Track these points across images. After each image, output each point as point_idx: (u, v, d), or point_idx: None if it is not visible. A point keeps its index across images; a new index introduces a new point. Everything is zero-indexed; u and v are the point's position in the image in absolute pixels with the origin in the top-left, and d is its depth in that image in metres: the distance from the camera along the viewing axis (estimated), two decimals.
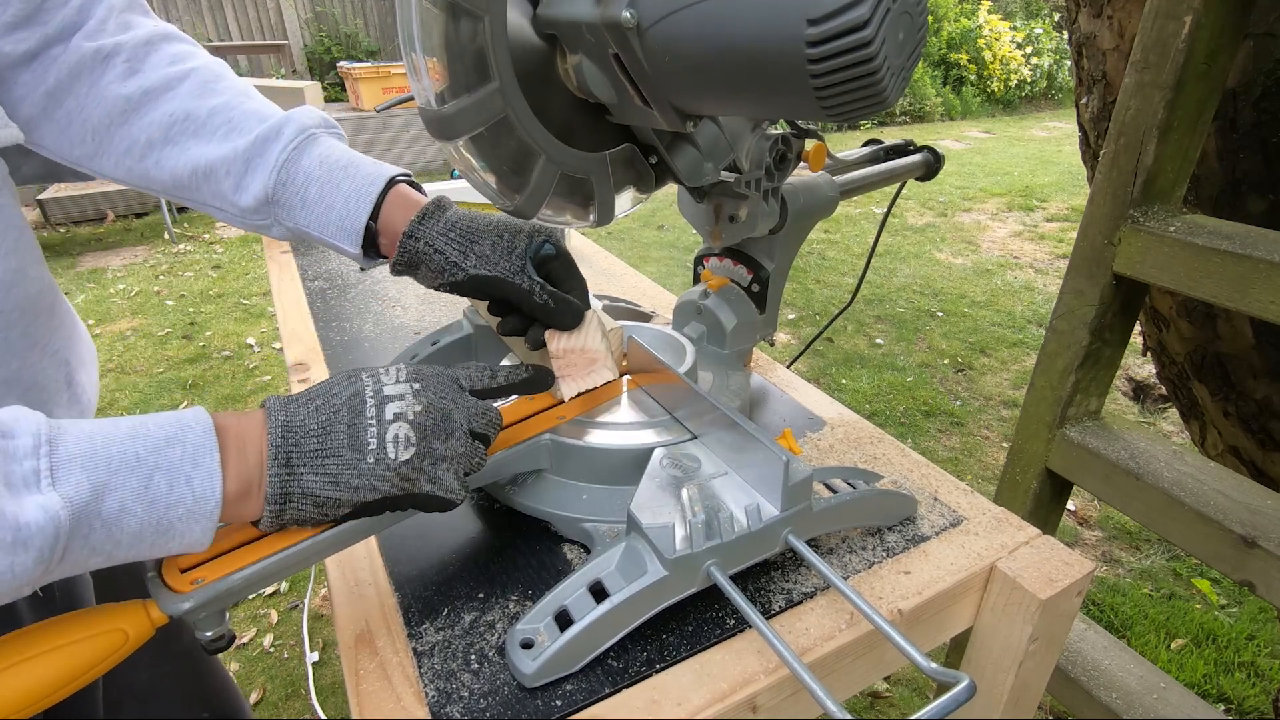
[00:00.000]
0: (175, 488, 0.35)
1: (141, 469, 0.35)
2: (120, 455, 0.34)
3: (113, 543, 0.34)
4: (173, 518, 0.35)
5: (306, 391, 0.42)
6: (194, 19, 5.71)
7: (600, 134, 0.55)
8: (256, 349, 2.87)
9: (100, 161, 0.55)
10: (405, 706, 0.43)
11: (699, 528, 0.44)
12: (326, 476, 0.40)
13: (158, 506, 0.35)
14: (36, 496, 0.32)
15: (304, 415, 0.40)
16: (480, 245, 0.53)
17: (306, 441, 0.40)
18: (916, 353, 2.89)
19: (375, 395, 0.42)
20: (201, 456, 0.36)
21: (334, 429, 0.40)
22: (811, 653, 0.46)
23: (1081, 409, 0.96)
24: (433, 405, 0.43)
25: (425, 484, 0.43)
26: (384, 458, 0.41)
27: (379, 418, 0.41)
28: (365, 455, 0.40)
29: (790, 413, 0.72)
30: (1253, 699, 1.47)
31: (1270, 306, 0.71)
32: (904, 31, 0.38)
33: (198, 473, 0.36)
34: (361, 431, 0.41)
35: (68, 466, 0.33)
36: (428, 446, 0.42)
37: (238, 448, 0.39)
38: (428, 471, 0.43)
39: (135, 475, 0.34)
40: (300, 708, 1.48)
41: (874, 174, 0.83)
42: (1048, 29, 8.71)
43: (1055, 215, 4.52)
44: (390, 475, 0.41)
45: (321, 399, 0.42)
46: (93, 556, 0.34)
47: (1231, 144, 0.90)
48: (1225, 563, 0.79)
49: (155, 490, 0.35)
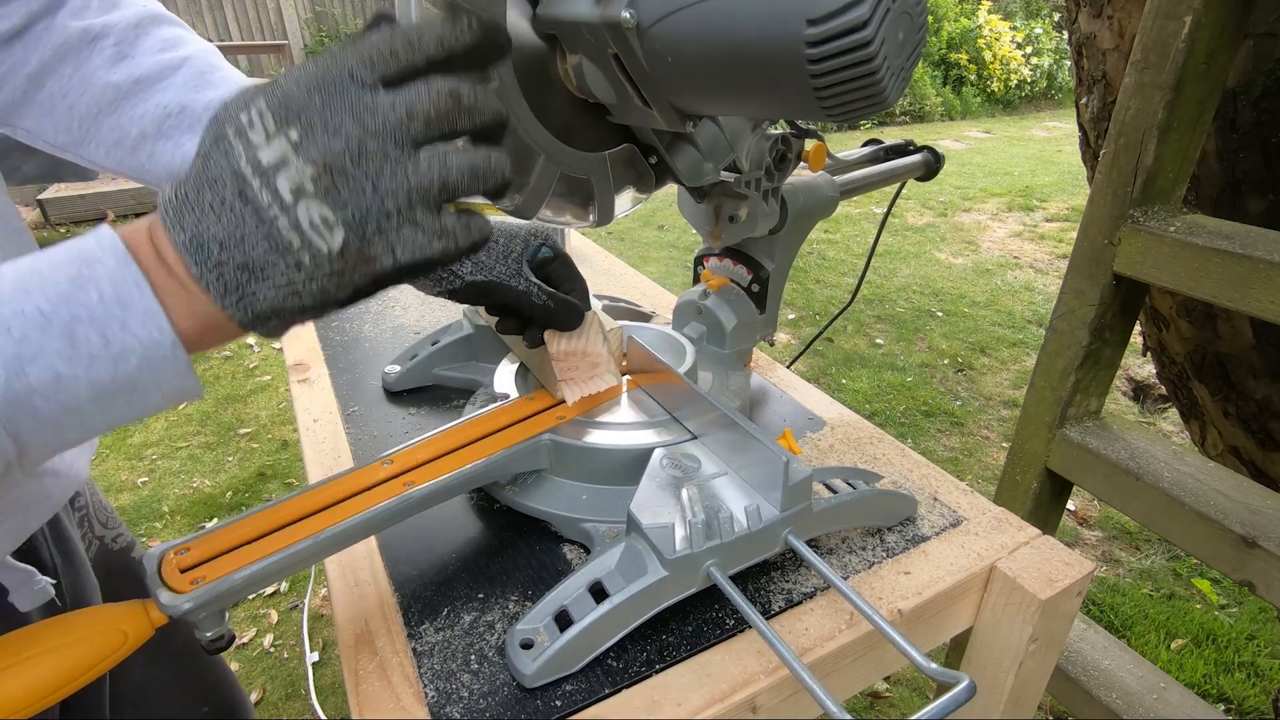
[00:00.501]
0: (112, 338, 0.29)
1: (54, 326, 0.28)
2: (19, 315, 0.28)
3: (71, 412, 0.29)
4: (129, 371, 0.30)
5: (193, 174, 0.31)
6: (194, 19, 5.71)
7: (600, 134, 0.55)
8: (256, 349, 2.87)
9: (87, 149, 0.53)
10: (405, 707, 0.43)
11: (699, 528, 0.44)
12: (280, 289, 0.31)
13: (101, 363, 0.29)
14: None
15: (205, 221, 0.31)
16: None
17: (229, 257, 0.30)
18: (916, 353, 2.89)
19: (254, 167, 0.30)
20: (127, 294, 0.29)
21: (246, 233, 0.31)
22: (811, 653, 0.46)
23: (1081, 409, 0.96)
24: (331, 153, 0.30)
25: (386, 257, 0.32)
26: (317, 253, 0.31)
27: (279, 202, 0.30)
28: (299, 255, 0.31)
29: (790, 413, 0.72)
30: (1253, 699, 1.47)
31: (1270, 306, 0.71)
32: (904, 31, 0.38)
33: (132, 314, 0.29)
34: (273, 229, 0.30)
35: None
36: (357, 215, 0.31)
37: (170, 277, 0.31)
38: (377, 242, 0.32)
39: (50, 334, 0.28)
40: (300, 708, 1.48)
41: (874, 174, 0.83)
42: (1048, 29, 8.71)
43: (1055, 215, 4.52)
44: (340, 268, 0.31)
45: (210, 189, 0.31)
46: (61, 432, 0.30)
47: (1231, 144, 0.90)
48: (1225, 563, 0.79)
49: (87, 346, 0.29)
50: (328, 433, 0.69)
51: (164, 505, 2.03)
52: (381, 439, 0.68)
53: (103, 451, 2.25)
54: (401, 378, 0.74)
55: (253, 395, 2.56)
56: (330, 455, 0.65)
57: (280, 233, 0.30)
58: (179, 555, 0.41)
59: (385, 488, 0.48)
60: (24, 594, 0.53)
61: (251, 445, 2.30)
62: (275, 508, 0.45)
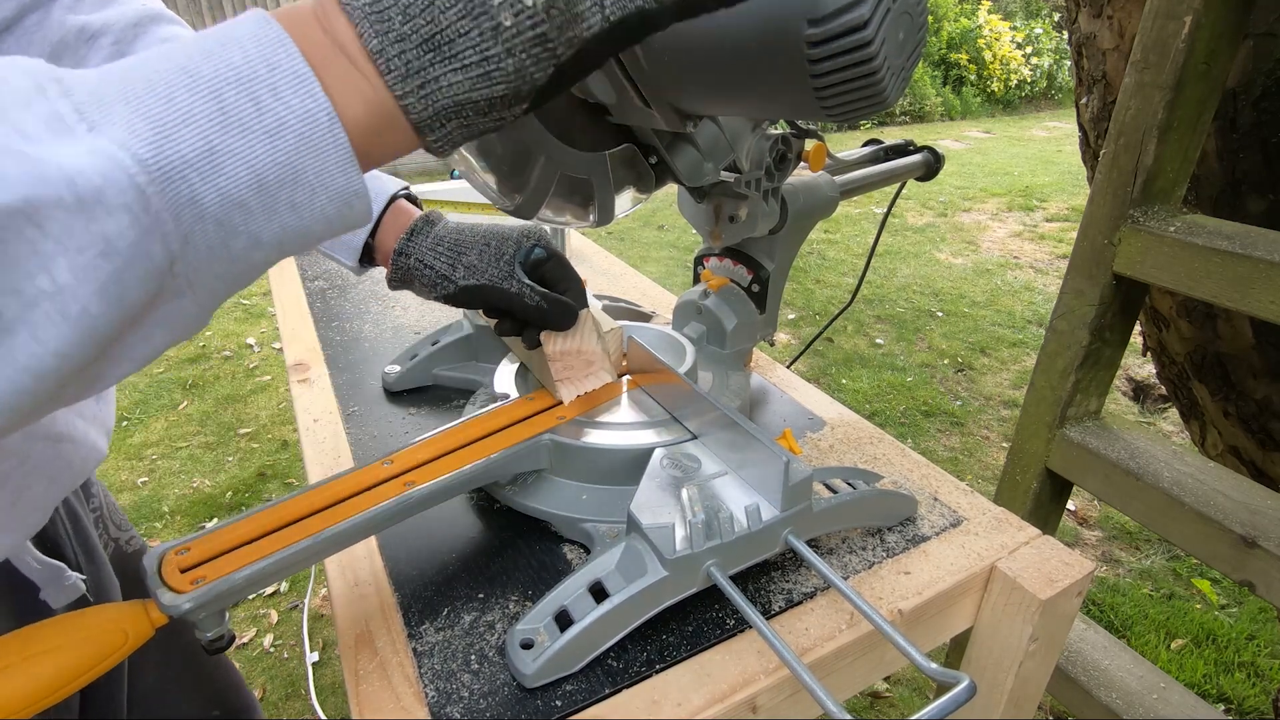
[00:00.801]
0: (263, 104, 0.25)
1: (200, 85, 0.24)
2: (164, 75, 0.24)
3: (235, 206, 0.25)
4: (286, 151, 0.26)
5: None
6: (194, 19, 5.71)
7: (600, 134, 0.55)
8: (256, 349, 2.87)
9: None
10: (405, 707, 0.43)
11: (699, 528, 0.44)
12: (469, 72, 0.27)
13: (256, 137, 0.25)
14: (76, 144, 0.22)
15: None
16: (468, 256, 0.53)
17: (413, 28, 0.27)
18: (916, 353, 2.89)
19: None
20: (273, 54, 0.25)
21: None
22: (812, 653, 0.46)
23: (1081, 409, 0.96)
24: None
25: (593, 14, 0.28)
26: (522, 9, 0.27)
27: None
28: (498, 15, 0.27)
29: (790, 413, 0.72)
30: (1253, 699, 1.47)
31: (1270, 306, 0.71)
32: (904, 31, 0.38)
33: (279, 77, 0.25)
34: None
35: (99, 105, 0.23)
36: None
37: (338, 57, 0.27)
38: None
39: (198, 96, 0.24)
40: (300, 708, 1.48)
41: (874, 174, 0.83)
42: (1048, 29, 8.71)
43: (1055, 215, 4.52)
44: (544, 30, 0.27)
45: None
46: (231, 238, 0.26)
47: (1231, 144, 0.90)
48: (1225, 563, 0.79)
49: (238, 113, 0.25)
50: (328, 433, 0.69)
51: (164, 505, 2.03)
52: (381, 439, 0.68)
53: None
54: (401, 378, 0.74)
55: (253, 395, 2.56)
56: (330, 455, 0.65)
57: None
58: (179, 555, 0.41)
59: (385, 488, 0.48)
60: (54, 590, 0.54)
61: (251, 445, 2.30)
62: (275, 508, 0.45)
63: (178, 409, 2.48)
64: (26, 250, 0.22)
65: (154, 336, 0.26)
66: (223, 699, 0.77)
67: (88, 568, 0.60)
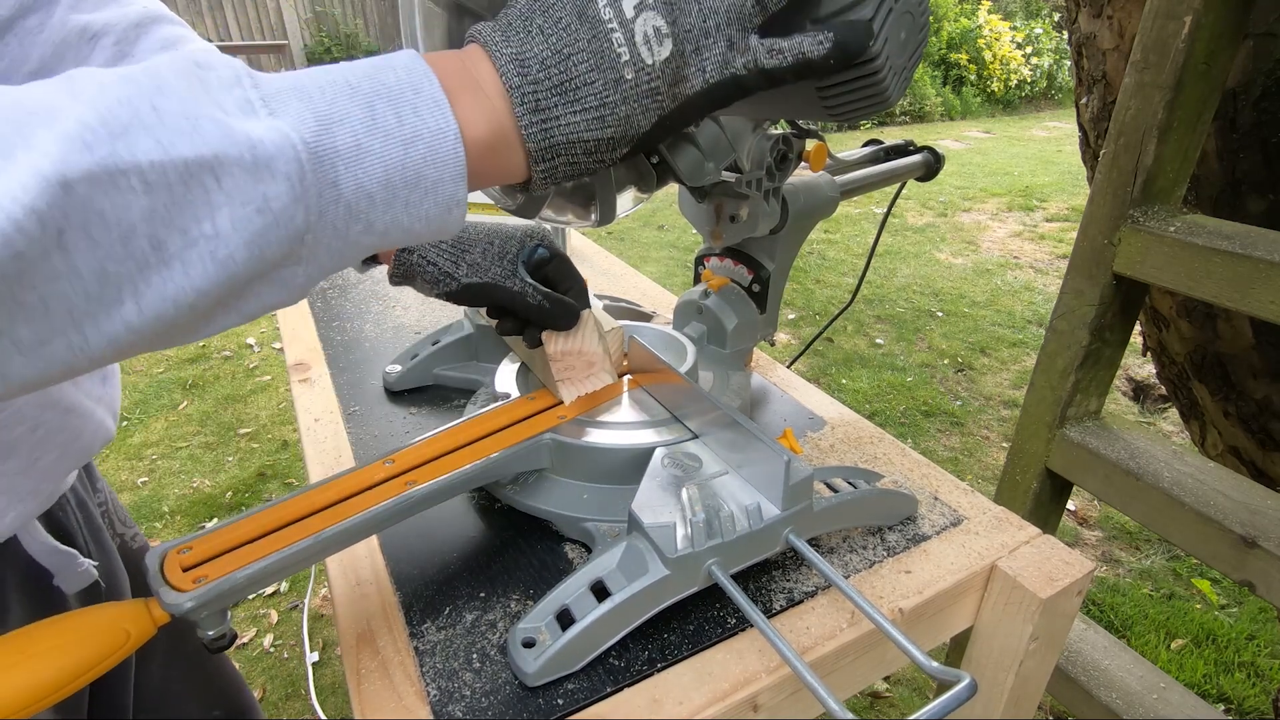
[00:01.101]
0: (404, 118, 0.30)
1: (358, 96, 0.30)
2: (330, 84, 0.30)
3: (364, 196, 0.30)
4: (415, 159, 0.31)
5: (519, 9, 0.34)
6: (194, 19, 5.71)
7: None
8: (256, 349, 2.87)
9: None
10: (407, 706, 0.43)
11: (700, 527, 0.44)
12: (587, 113, 0.33)
13: (394, 142, 0.30)
14: (260, 122, 0.27)
15: (531, 43, 0.33)
16: (471, 254, 0.54)
17: (547, 75, 0.33)
18: (916, 353, 2.89)
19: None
20: (419, 82, 0.31)
21: (573, 51, 0.33)
22: (812, 652, 0.46)
23: (1081, 409, 0.96)
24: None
25: (695, 75, 0.34)
26: (641, 65, 0.33)
27: (619, 17, 0.33)
28: (620, 71, 0.33)
29: (790, 413, 0.72)
30: (1253, 699, 1.47)
31: (1270, 306, 0.71)
32: (906, 31, 0.38)
33: (421, 100, 0.31)
34: (605, 43, 0.33)
35: (279, 98, 0.28)
36: (684, 30, 0.34)
37: (470, 82, 0.33)
38: (693, 61, 0.34)
39: (354, 103, 0.30)
40: (300, 708, 1.48)
41: (874, 174, 0.83)
42: (1048, 29, 8.71)
43: (1055, 215, 4.52)
44: (655, 86, 0.34)
45: (541, 14, 0.33)
46: (349, 219, 0.30)
47: (1231, 144, 0.90)
48: (1225, 563, 0.79)
49: (383, 120, 0.30)
50: (328, 432, 0.69)
51: (164, 505, 2.03)
52: (382, 439, 0.68)
53: (103, 451, 2.25)
54: (402, 377, 0.74)
55: (253, 395, 2.56)
56: (331, 455, 0.66)
57: (612, 46, 0.33)
58: (181, 554, 0.41)
59: (386, 487, 0.48)
60: (68, 577, 0.55)
61: (251, 445, 2.30)
62: (277, 507, 0.45)
63: (178, 409, 2.48)
64: (201, 198, 0.26)
65: (266, 295, 0.30)
66: (224, 699, 0.77)
67: (99, 556, 0.61)
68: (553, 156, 0.34)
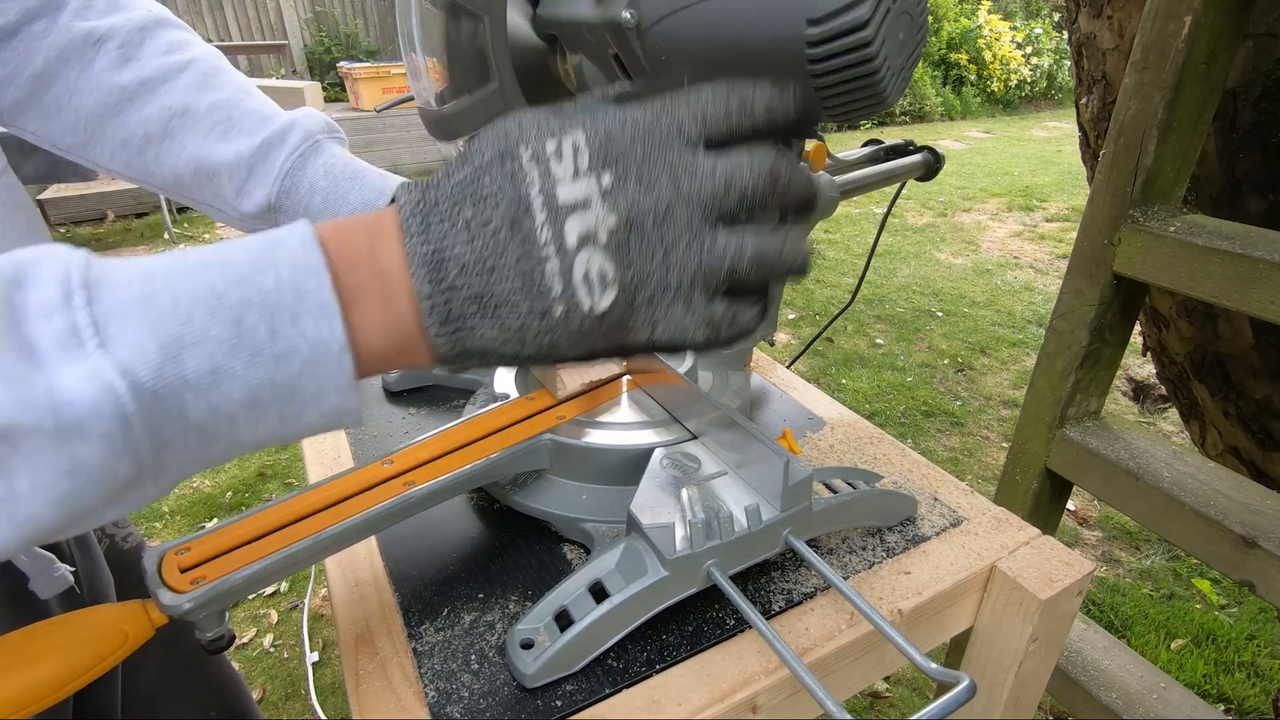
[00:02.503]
0: (279, 331, 0.26)
1: (224, 309, 0.25)
2: (191, 292, 0.25)
3: (223, 418, 0.26)
4: (290, 374, 0.26)
5: (451, 184, 0.29)
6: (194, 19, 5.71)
7: None
8: None
9: (93, 151, 0.53)
10: (405, 706, 0.43)
11: (699, 528, 0.44)
12: (506, 331, 0.29)
13: (262, 360, 0.26)
14: (78, 365, 0.23)
15: (452, 239, 0.28)
16: None
17: (466, 283, 0.28)
18: (916, 353, 2.89)
19: (546, 200, 0.28)
20: (304, 282, 0.26)
21: (498, 264, 0.28)
22: (812, 653, 0.46)
23: (1081, 409, 0.96)
24: (637, 208, 0.28)
25: (642, 331, 0.30)
26: (576, 306, 0.28)
27: (558, 243, 0.28)
28: (549, 305, 0.28)
29: (790, 413, 0.72)
30: (1253, 699, 1.47)
31: (1270, 306, 0.71)
32: (904, 31, 0.38)
33: (305, 306, 0.26)
34: (538, 269, 0.28)
35: (119, 318, 0.24)
36: (637, 279, 0.28)
37: (379, 287, 0.28)
38: (641, 314, 0.29)
39: (217, 319, 0.25)
40: (300, 708, 1.48)
41: (874, 174, 0.83)
42: (1048, 29, 8.71)
43: (1055, 215, 4.52)
44: (590, 328, 0.29)
45: (471, 206, 0.28)
46: (206, 443, 0.26)
47: (1231, 144, 0.90)
48: (1225, 563, 0.79)
49: (251, 337, 0.25)
50: (328, 433, 0.69)
51: (164, 505, 2.03)
52: (381, 439, 0.68)
53: None
54: (402, 378, 0.74)
55: None
56: (330, 455, 0.65)
57: (543, 276, 0.28)
58: (179, 555, 0.41)
59: (385, 488, 0.48)
60: (43, 581, 0.54)
61: None
62: (275, 508, 0.45)
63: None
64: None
65: (106, 513, 0.27)
66: (221, 699, 0.77)
67: (81, 561, 0.60)
68: (462, 361, 0.30)
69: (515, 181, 0.28)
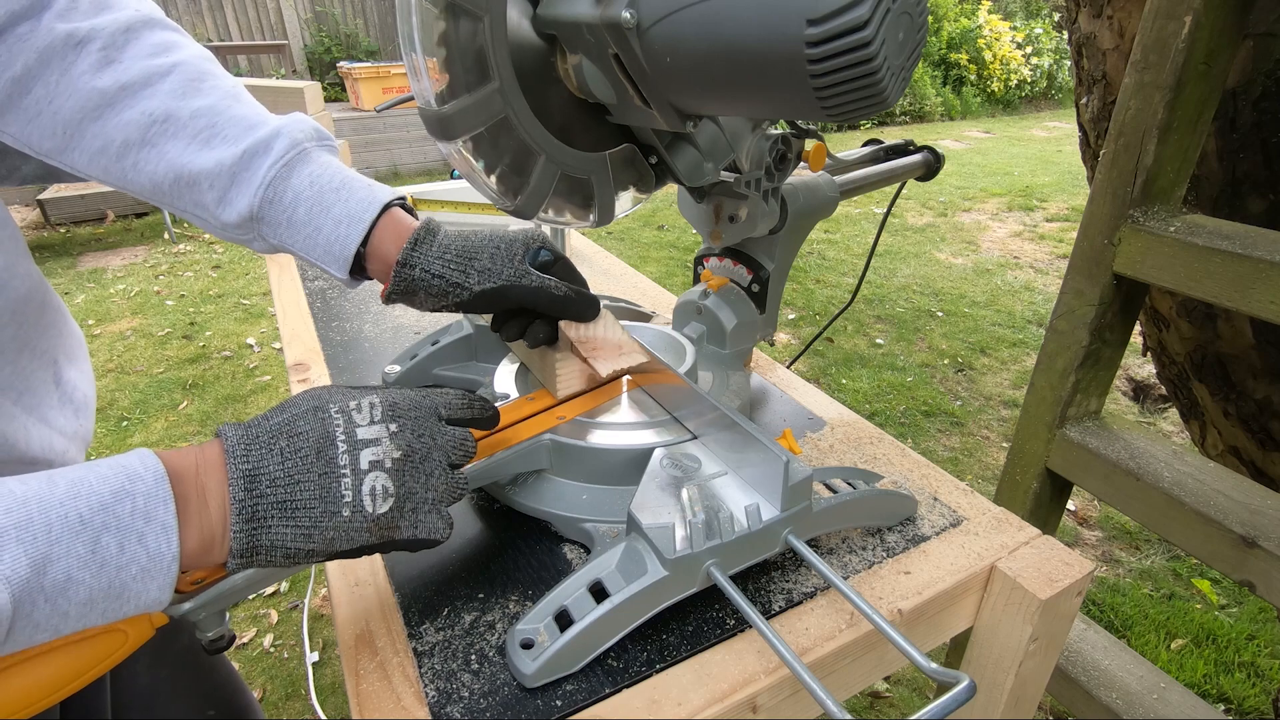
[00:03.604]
0: (127, 547, 0.32)
1: (86, 532, 0.31)
2: (61, 520, 0.31)
3: (59, 615, 0.32)
4: (126, 579, 0.33)
5: (269, 425, 0.39)
6: (194, 19, 5.71)
7: (600, 134, 0.56)
8: (256, 349, 2.87)
9: (71, 156, 0.51)
10: (405, 706, 0.43)
11: (699, 528, 0.44)
12: (298, 529, 0.37)
13: (108, 570, 0.32)
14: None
15: (268, 461, 0.37)
16: (479, 260, 0.52)
17: (273, 492, 0.37)
18: (916, 353, 2.89)
19: (348, 438, 0.40)
20: (154, 509, 0.33)
21: (303, 479, 0.38)
22: (812, 653, 0.46)
23: (1081, 409, 0.96)
24: (411, 448, 0.42)
25: (406, 530, 0.41)
26: (360, 510, 0.39)
27: (353, 466, 0.39)
28: (340, 509, 0.38)
29: (790, 413, 0.72)
30: (1253, 699, 1.47)
31: (1270, 306, 0.71)
32: (904, 31, 0.38)
33: (151, 528, 0.33)
34: (334, 483, 0.38)
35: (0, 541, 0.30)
36: (407, 493, 0.41)
37: (198, 499, 0.36)
38: (408, 518, 0.41)
39: (80, 540, 0.31)
40: (300, 708, 1.48)
41: (874, 174, 0.83)
42: (1048, 29, 8.71)
43: (1055, 215, 4.52)
44: (368, 527, 0.39)
45: (287, 439, 0.38)
46: (37, 633, 0.32)
47: (1231, 144, 0.90)
48: (1225, 563, 0.79)
49: (104, 553, 0.32)
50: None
51: None
52: None
53: (102, 452, 2.25)
54: (401, 378, 0.74)
55: (253, 395, 2.56)
56: None
57: (339, 488, 0.38)
58: None
59: None
60: None
61: None
62: None
63: (178, 409, 2.48)
64: None
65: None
66: (219, 700, 0.77)
67: None
68: (251, 555, 0.37)
69: (326, 424, 0.40)
